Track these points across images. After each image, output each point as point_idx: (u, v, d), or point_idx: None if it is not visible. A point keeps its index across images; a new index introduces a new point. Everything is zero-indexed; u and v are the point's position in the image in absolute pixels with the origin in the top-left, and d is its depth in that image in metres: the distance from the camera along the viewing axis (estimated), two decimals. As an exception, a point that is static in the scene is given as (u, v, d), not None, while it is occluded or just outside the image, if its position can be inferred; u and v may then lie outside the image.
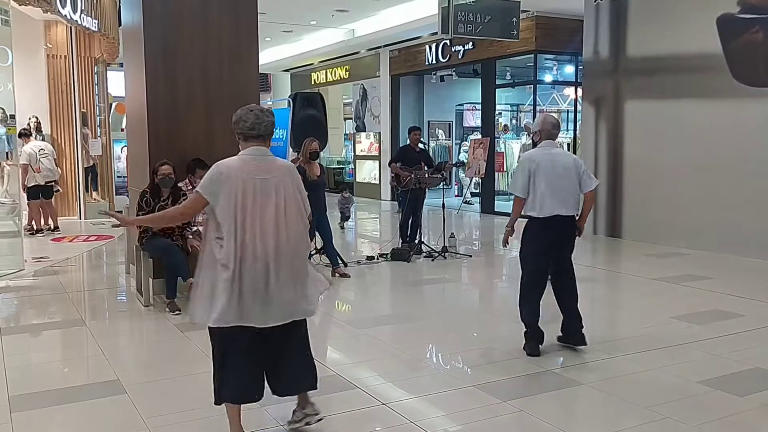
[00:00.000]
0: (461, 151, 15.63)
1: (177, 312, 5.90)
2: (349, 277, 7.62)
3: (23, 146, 10.64)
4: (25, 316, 6.41)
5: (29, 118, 11.60)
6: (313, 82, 19.42)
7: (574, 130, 13.34)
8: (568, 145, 13.23)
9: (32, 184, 10.63)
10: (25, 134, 10.96)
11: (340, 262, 7.85)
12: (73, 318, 6.03)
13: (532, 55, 12.62)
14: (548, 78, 13.76)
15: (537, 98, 13.19)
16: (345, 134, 19.97)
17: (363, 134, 17.66)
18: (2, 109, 9.42)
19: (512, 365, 4.59)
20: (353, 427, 3.62)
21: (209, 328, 3.29)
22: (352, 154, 18.32)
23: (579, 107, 12.46)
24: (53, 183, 11.05)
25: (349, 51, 16.79)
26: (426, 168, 8.96)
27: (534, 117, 13.09)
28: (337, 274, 7.61)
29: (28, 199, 10.72)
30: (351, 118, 18.61)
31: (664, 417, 3.69)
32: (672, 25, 9.52)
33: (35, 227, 10.74)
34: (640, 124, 10.11)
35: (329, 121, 9.62)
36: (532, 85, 13.18)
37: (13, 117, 8.87)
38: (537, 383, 4.28)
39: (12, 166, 10.43)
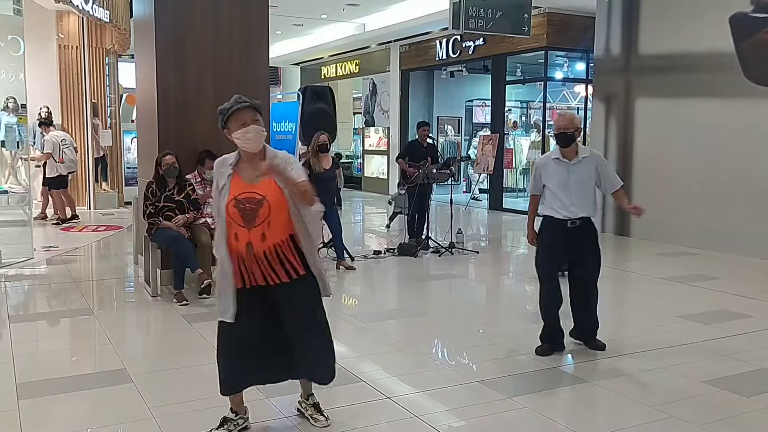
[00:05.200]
0: (470, 147, 15.60)
1: (184, 303, 5.92)
2: (354, 269, 7.63)
3: (45, 136, 10.67)
4: (34, 304, 6.46)
5: (40, 108, 11.66)
6: (323, 76, 19.41)
7: (584, 127, 13.27)
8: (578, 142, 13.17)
9: (55, 174, 10.61)
10: (45, 123, 10.99)
11: (346, 255, 7.86)
12: (81, 307, 6.07)
13: (543, 52, 12.56)
14: (559, 75, 13.70)
15: (547, 95, 13.13)
16: (354, 129, 19.96)
17: (372, 129, 17.65)
18: (14, 98, 9.48)
19: (518, 361, 4.59)
20: (358, 421, 3.63)
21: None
22: (361, 148, 18.32)
23: (589, 105, 12.40)
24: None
25: (360, 45, 16.76)
26: (432, 164, 8.94)
27: (544, 114, 13.08)
28: (341, 267, 7.63)
29: (50, 188, 10.74)
30: (360, 113, 18.60)
31: (670, 416, 3.68)
32: (684, 23, 9.46)
33: (61, 217, 10.75)
34: (651, 122, 10.06)
35: (338, 116, 9.60)
36: (542, 82, 13.13)
37: (24, 107, 8.93)
38: (543, 380, 4.27)
39: (25, 155, 10.50)
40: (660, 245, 9.42)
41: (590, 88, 12.14)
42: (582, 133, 13.23)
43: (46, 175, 10.64)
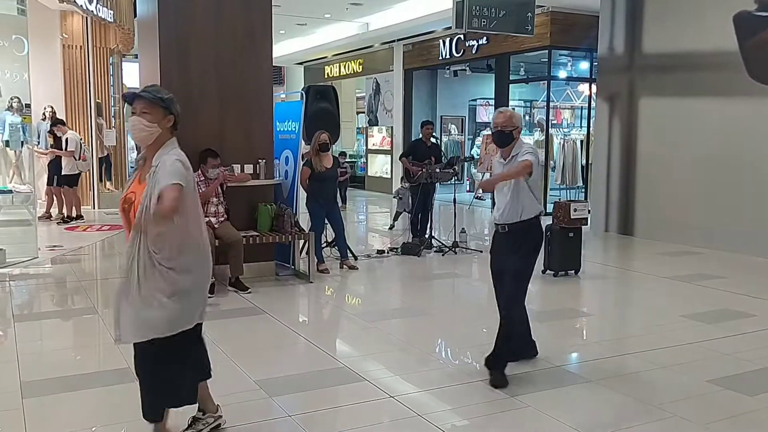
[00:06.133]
0: (474, 146, 15.58)
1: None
2: (357, 269, 7.64)
3: (63, 135, 10.71)
4: (38, 303, 6.48)
5: (44, 108, 11.69)
6: (326, 76, 19.42)
7: (588, 126, 13.26)
8: (582, 141, 13.16)
9: (76, 172, 10.78)
10: (60, 122, 11.04)
11: (349, 254, 7.86)
12: (85, 306, 6.09)
13: (547, 51, 12.54)
14: (562, 74, 13.67)
15: (551, 94, 13.11)
16: (357, 128, 19.96)
17: (375, 128, 17.65)
18: (18, 98, 9.49)
19: (521, 360, 4.57)
20: (361, 420, 3.63)
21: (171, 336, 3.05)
22: (365, 148, 18.33)
23: (593, 104, 12.38)
24: None
25: (363, 45, 16.77)
26: (435, 163, 8.94)
27: (547, 113, 13.06)
28: (345, 267, 7.64)
29: (61, 185, 10.78)
30: (364, 112, 18.61)
31: (673, 415, 3.68)
32: (688, 22, 9.44)
33: (68, 213, 10.80)
34: (655, 121, 10.04)
35: (342, 115, 9.62)
36: (546, 81, 13.11)
37: (28, 106, 8.94)
38: (545, 379, 4.27)
39: (38, 153, 10.54)
40: (664, 244, 9.40)
41: (594, 88, 12.12)
42: (590, 134, 13.32)
43: (64, 173, 10.67)
